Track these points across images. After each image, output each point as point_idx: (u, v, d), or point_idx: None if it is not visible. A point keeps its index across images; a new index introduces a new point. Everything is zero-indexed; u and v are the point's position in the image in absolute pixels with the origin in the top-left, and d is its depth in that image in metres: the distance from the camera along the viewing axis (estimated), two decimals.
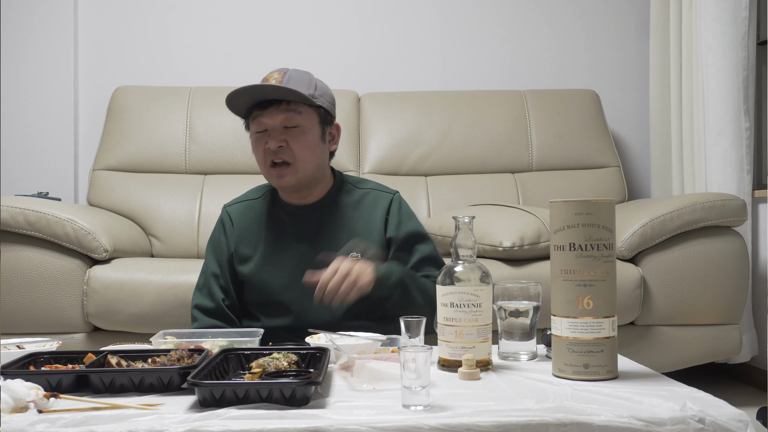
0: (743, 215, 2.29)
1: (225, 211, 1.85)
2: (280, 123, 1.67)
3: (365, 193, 1.81)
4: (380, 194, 1.81)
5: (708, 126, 2.62)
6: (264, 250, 1.75)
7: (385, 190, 1.83)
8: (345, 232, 1.73)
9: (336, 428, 0.96)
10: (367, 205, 1.78)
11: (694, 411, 1.00)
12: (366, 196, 1.80)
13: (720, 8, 2.58)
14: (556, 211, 1.25)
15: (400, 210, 1.79)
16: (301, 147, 1.68)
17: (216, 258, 1.80)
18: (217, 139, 2.87)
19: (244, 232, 1.78)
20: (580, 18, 3.29)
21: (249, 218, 1.80)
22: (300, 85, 1.65)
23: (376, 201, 1.79)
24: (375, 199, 1.79)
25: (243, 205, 1.84)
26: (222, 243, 1.80)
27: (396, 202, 1.80)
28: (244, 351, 1.29)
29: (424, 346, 1.06)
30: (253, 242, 1.77)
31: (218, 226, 1.84)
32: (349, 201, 1.79)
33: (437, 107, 2.98)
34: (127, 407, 1.03)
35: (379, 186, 1.85)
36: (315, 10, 3.22)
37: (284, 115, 1.66)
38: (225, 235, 1.80)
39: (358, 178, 1.88)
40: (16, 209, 2.11)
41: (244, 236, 1.78)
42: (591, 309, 1.21)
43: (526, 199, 2.81)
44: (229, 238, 1.80)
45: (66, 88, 3.09)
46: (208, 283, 1.78)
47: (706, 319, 2.26)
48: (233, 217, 1.82)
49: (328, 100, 1.73)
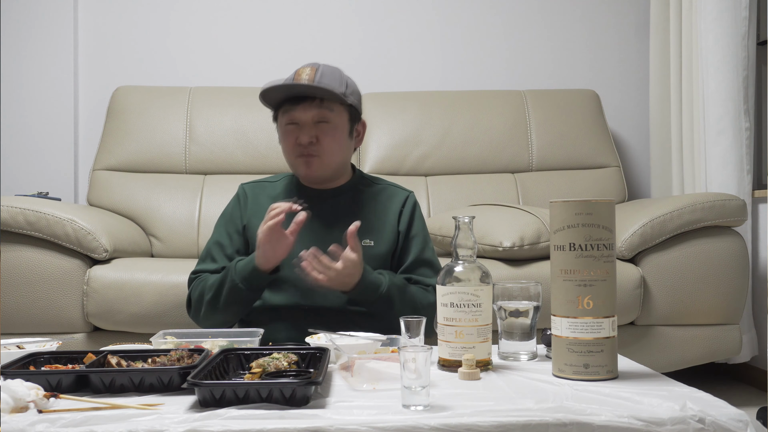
0: (743, 215, 2.29)
1: (242, 187, 1.88)
2: (312, 118, 1.71)
3: (382, 188, 1.87)
4: (396, 190, 1.87)
5: (708, 126, 2.62)
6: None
7: (402, 188, 1.88)
8: (359, 217, 1.74)
9: (336, 428, 0.96)
10: (384, 199, 1.83)
11: (694, 411, 1.00)
12: (383, 191, 1.86)
13: (720, 8, 2.58)
14: (556, 211, 1.25)
15: (414, 209, 1.84)
16: (330, 142, 1.72)
17: (225, 229, 1.82)
18: (217, 139, 2.87)
19: (258, 208, 1.79)
20: (580, 18, 3.29)
21: (264, 196, 1.83)
22: (333, 82, 1.69)
23: (392, 196, 1.84)
24: (391, 195, 1.85)
25: (260, 184, 1.88)
26: (236, 216, 1.82)
27: (411, 200, 1.85)
28: (244, 351, 1.29)
29: (424, 346, 1.06)
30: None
31: (233, 200, 1.87)
32: (366, 192, 1.84)
33: (437, 107, 2.99)
34: (127, 407, 1.03)
35: (395, 184, 1.90)
36: (315, 10, 3.22)
37: (317, 111, 1.70)
38: (240, 208, 1.83)
39: (375, 176, 1.94)
40: (16, 209, 2.11)
41: (257, 211, 1.78)
42: (591, 309, 1.22)
43: (526, 199, 2.81)
44: (242, 211, 1.82)
45: (66, 88, 3.09)
46: (210, 252, 1.80)
47: (706, 319, 2.26)
48: (249, 193, 1.85)
49: (357, 98, 1.77)
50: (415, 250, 1.78)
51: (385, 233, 1.77)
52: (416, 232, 1.81)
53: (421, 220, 1.84)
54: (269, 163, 2.80)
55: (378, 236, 1.76)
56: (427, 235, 1.84)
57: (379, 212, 1.80)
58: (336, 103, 1.71)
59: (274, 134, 1.84)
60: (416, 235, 1.80)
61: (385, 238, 1.77)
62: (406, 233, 1.79)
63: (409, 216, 1.81)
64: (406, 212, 1.81)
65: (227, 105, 2.92)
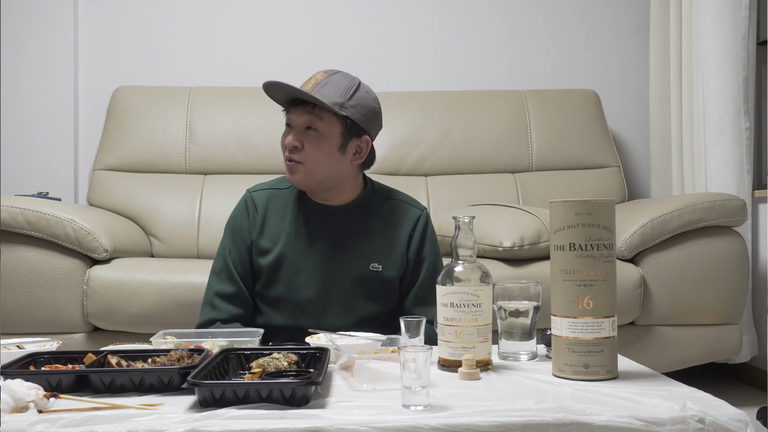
0: (743, 215, 2.29)
1: (250, 195, 1.80)
2: (303, 123, 1.67)
3: (395, 204, 1.80)
4: (409, 208, 1.80)
5: (708, 126, 2.62)
6: (285, 245, 1.72)
7: (415, 205, 1.81)
8: (368, 239, 1.73)
9: (336, 428, 0.96)
10: (395, 218, 1.77)
11: (694, 411, 1.00)
12: (395, 208, 1.79)
13: (720, 8, 2.58)
14: (556, 211, 1.25)
15: (425, 231, 1.78)
16: (313, 150, 1.67)
17: (235, 243, 1.76)
18: (217, 139, 2.87)
19: (267, 222, 1.75)
20: (580, 18, 3.29)
21: (273, 207, 1.77)
22: (333, 92, 1.64)
23: (404, 215, 1.78)
24: (403, 213, 1.78)
25: (269, 192, 1.80)
26: (244, 230, 1.76)
27: (422, 221, 1.78)
28: (244, 351, 1.29)
29: (424, 346, 1.06)
30: (274, 234, 1.74)
31: (241, 209, 1.79)
32: (378, 210, 1.78)
33: (437, 107, 2.98)
34: (127, 407, 1.03)
35: (409, 199, 1.83)
36: (315, 10, 3.22)
37: (308, 117, 1.66)
38: (248, 220, 1.76)
39: (390, 189, 1.85)
40: (16, 209, 2.11)
41: (266, 227, 1.75)
42: (591, 309, 1.21)
43: (526, 199, 2.81)
44: (251, 225, 1.76)
45: (66, 88, 3.09)
46: (227, 267, 1.74)
47: (706, 319, 2.26)
48: (258, 203, 1.78)
49: (360, 113, 1.68)
50: (424, 273, 1.75)
51: (393, 258, 1.73)
52: (426, 255, 1.76)
53: (432, 242, 1.79)
54: (269, 163, 2.80)
55: (386, 261, 1.72)
56: (438, 256, 1.79)
57: (388, 235, 1.75)
58: (328, 113, 1.65)
59: (274, 134, 1.84)
60: (425, 258, 1.76)
61: (393, 264, 1.73)
62: (415, 258, 1.75)
63: (419, 240, 1.76)
64: (417, 236, 1.76)
65: (227, 105, 2.92)
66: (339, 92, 1.65)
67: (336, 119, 1.66)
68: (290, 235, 1.73)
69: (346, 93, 1.66)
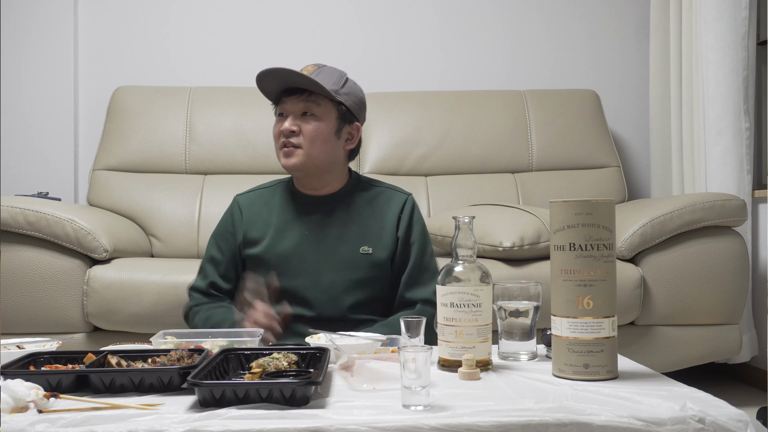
0: (743, 215, 2.29)
1: (236, 201, 1.87)
2: (299, 110, 1.72)
3: (380, 191, 1.84)
4: (395, 193, 1.84)
5: (708, 126, 2.62)
6: (273, 234, 1.77)
7: (400, 191, 1.85)
8: (356, 226, 1.76)
9: (336, 428, 0.96)
10: (381, 203, 1.81)
11: (694, 411, 1.00)
12: (381, 194, 1.83)
13: (720, 8, 2.58)
14: (556, 211, 1.25)
15: (413, 213, 1.81)
16: (312, 132, 1.71)
17: (218, 245, 1.82)
18: (217, 139, 2.87)
19: (254, 217, 1.80)
20: (580, 18, 3.29)
21: (259, 204, 1.83)
22: (327, 80, 1.70)
23: (390, 200, 1.82)
24: (389, 198, 1.82)
25: (254, 194, 1.87)
26: (228, 233, 1.82)
27: (410, 204, 1.82)
28: (244, 351, 1.29)
29: (424, 346, 1.06)
30: (262, 226, 1.79)
31: (227, 217, 1.86)
32: (363, 197, 1.82)
33: (437, 107, 2.98)
34: (127, 407, 1.03)
35: (394, 186, 1.87)
36: (315, 11, 3.22)
37: (304, 104, 1.72)
38: (233, 224, 1.82)
39: (374, 179, 1.91)
40: (16, 209, 2.11)
41: (253, 221, 1.80)
42: (591, 309, 1.21)
43: (526, 199, 2.81)
44: (237, 227, 1.81)
45: (66, 88, 3.09)
46: (203, 267, 1.83)
47: (706, 319, 2.26)
48: (243, 206, 1.84)
49: (353, 100, 1.76)
50: (414, 256, 1.77)
51: (383, 240, 1.76)
52: (415, 237, 1.79)
53: (420, 224, 1.82)
54: (269, 163, 2.79)
55: (376, 243, 1.75)
56: (427, 238, 1.83)
57: (376, 218, 1.78)
58: (325, 99, 1.72)
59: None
60: (415, 240, 1.78)
61: (383, 245, 1.76)
62: (405, 239, 1.78)
63: (407, 221, 1.79)
64: (405, 217, 1.79)
65: (227, 105, 2.92)
66: (332, 80, 1.72)
67: (332, 105, 1.73)
68: (278, 225, 1.77)
69: (339, 81, 1.74)
